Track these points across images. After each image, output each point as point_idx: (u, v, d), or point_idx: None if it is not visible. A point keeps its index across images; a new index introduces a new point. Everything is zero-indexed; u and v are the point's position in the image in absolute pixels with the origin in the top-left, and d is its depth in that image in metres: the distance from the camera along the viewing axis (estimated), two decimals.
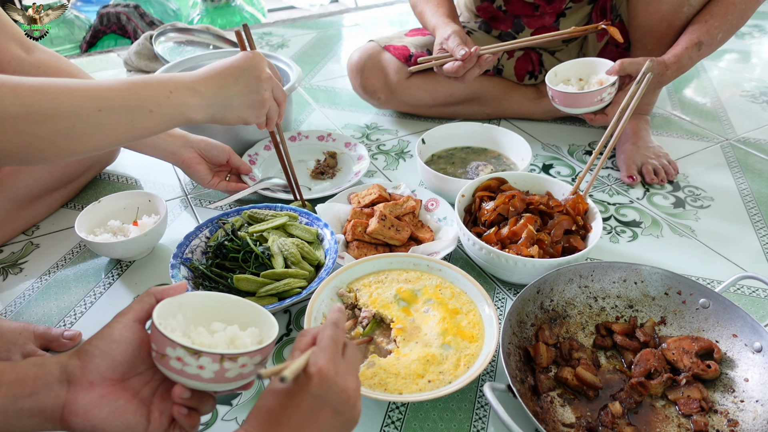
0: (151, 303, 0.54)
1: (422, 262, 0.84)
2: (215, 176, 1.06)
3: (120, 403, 0.50)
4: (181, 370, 0.49)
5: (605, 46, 1.28)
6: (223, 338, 0.54)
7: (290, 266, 0.84)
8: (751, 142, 1.33)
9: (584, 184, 1.09)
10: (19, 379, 0.47)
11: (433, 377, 0.69)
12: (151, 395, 0.53)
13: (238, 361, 0.50)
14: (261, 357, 0.53)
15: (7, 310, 0.86)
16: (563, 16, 1.25)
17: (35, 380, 0.48)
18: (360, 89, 1.37)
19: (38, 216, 1.04)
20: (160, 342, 0.49)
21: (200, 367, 0.49)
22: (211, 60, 1.33)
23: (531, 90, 1.39)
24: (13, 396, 0.46)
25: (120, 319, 0.52)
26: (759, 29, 2.06)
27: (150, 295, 0.54)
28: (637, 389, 0.69)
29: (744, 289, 0.91)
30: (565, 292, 0.82)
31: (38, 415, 0.47)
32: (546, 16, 1.25)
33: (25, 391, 0.47)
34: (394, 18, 2.26)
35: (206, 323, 0.57)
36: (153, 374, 0.54)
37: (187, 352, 0.49)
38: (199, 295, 0.58)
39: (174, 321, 0.53)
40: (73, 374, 0.49)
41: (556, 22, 1.26)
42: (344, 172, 1.18)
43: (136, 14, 2.14)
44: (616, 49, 1.28)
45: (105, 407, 0.49)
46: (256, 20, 2.39)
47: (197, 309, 0.57)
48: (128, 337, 0.51)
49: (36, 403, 0.47)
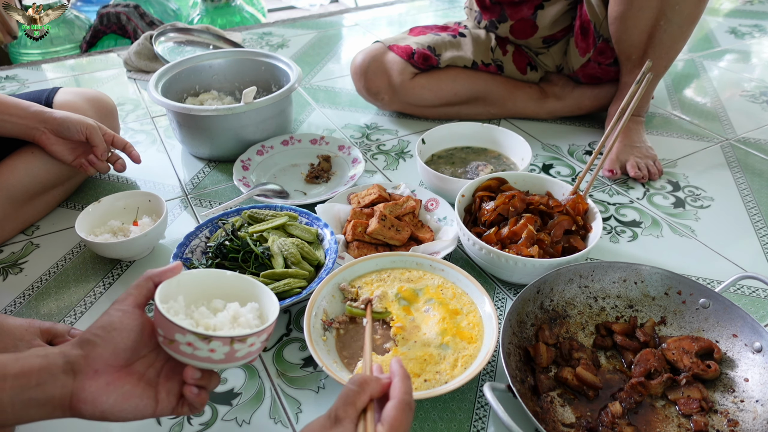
0: (149, 287, 0.54)
1: (425, 262, 0.84)
2: (80, 156, 1.01)
3: (126, 387, 0.51)
4: (192, 354, 0.51)
5: (588, 62, 1.28)
6: (226, 317, 0.55)
7: (290, 266, 0.84)
8: (751, 142, 1.33)
9: (584, 184, 1.09)
10: (23, 370, 0.48)
11: (430, 377, 0.69)
12: (156, 376, 0.54)
13: (247, 342, 0.52)
14: (267, 335, 0.55)
15: (7, 310, 0.86)
16: (541, 9, 1.25)
17: (40, 371, 0.48)
18: (364, 91, 1.37)
19: (37, 214, 1.04)
20: (168, 328, 0.50)
21: (211, 351, 0.51)
22: (211, 60, 1.34)
23: (535, 90, 1.39)
24: (19, 387, 0.47)
25: (119, 306, 0.53)
26: (759, 29, 2.06)
27: (147, 280, 0.55)
28: (637, 389, 0.69)
29: (744, 289, 0.91)
30: (565, 292, 0.82)
31: (47, 404, 0.48)
32: (524, 8, 1.26)
33: (31, 382, 0.47)
34: (393, 18, 2.26)
35: (206, 301, 0.58)
36: (156, 356, 0.55)
37: (197, 338, 0.50)
38: (195, 273, 0.59)
39: (176, 304, 0.54)
40: (77, 364, 0.49)
41: (533, 15, 1.26)
42: (339, 175, 1.17)
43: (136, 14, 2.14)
44: (599, 66, 1.28)
45: (112, 393, 0.50)
46: (256, 20, 2.39)
47: (196, 287, 0.58)
48: (129, 324, 0.52)
49: (43, 393, 0.48)
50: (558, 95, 1.38)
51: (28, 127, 0.96)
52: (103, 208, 0.97)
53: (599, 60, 1.26)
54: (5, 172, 0.96)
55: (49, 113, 0.96)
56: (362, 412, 0.50)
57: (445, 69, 1.33)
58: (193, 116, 1.14)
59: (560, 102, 1.38)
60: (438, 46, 1.31)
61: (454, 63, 1.32)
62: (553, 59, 1.35)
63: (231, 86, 1.39)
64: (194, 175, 1.20)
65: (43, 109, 0.97)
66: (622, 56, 1.22)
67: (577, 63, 1.30)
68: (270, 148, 1.21)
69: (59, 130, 0.97)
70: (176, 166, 1.23)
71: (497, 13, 1.30)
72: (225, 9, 2.33)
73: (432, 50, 1.30)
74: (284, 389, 0.74)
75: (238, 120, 1.15)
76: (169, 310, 0.52)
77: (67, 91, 1.11)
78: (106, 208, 0.97)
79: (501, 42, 1.35)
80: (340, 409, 0.49)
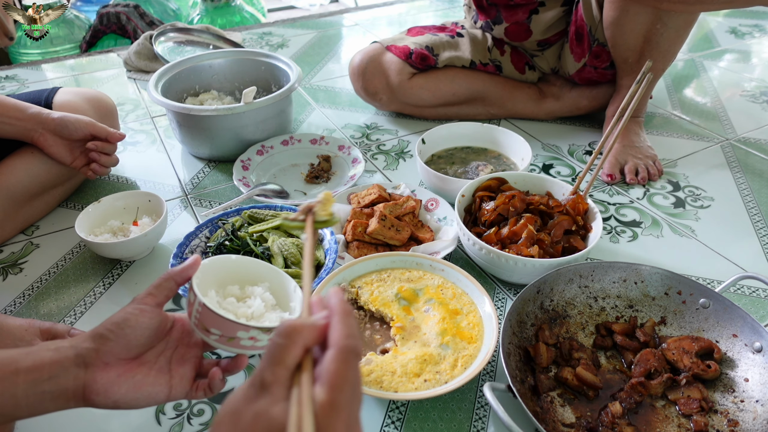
0: (170, 287, 0.55)
1: (425, 262, 0.84)
2: (80, 157, 1.00)
3: (138, 377, 0.52)
4: (253, 346, 0.54)
5: (583, 67, 1.28)
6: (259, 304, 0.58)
7: (290, 266, 0.84)
8: (751, 142, 1.33)
9: (584, 184, 1.09)
10: (35, 364, 0.48)
11: (430, 377, 0.69)
12: (168, 363, 0.55)
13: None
14: None
15: (7, 310, 0.86)
16: (536, 13, 1.25)
17: (52, 365, 0.49)
18: (362, 91, 1.37)
19: (37, 214, 1.04)
20: (229, 327, 0.53)
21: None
22: (211, 60, 1.34)
23: (534, 90, 1.39)
24: (32, 381, 0.48)
25: (137, 305, 0.54)
26: (759, 29, 2.06)
27: (170, 280, 0.56)
28: (637, 389, 0.69)
29: (744, 289, 0.91)
30: (565, 292, 0.82)
31: (60, 396, 0.49)
32: (520, 11, 1.26)
33: (43, 376, 0.48)
34: (393, 18, 2.26)
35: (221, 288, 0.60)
36: (165, 345, 0.56)
37: (260, 332, 0.53)
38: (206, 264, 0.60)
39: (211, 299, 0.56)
40: (88, 357, 0.50)
41: (528, 19, 1.26)
42: (339, 175, 1.17)
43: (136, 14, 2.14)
44: (595, 71, 1.28)
45: (123, 384, 0.51)
46: (256, 20, 2.39)
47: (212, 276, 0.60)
48: (145, 323, 0.53)
49: (56, 386, 0.48)
50: (556, 95, 1.38)
51: (26, 128, 0.95)
52: (103, 208, 0.97)
53: (595, 64, 1.26)
54: (5, 172, 0.96)
55: (46, 114, 0.96)
56: (297, 369, 0.38)
57: (443, 69, 1.33)
58: (193, 116, 1.14)
59: (558, 102, 1.38)
60: (436, 46, 1.31)
61: (452, 63, 1.32)
62: (547, 62, 1.35)
63: (231, 86, 1.39)
64: (194, 175, 1.20)
65: (41, 111, 0.96)
66: (618, 59, 1.21)
67: (572, 68, 1.30)
68: (270, 148, 1.21)
69: (58, 130, 0.96)
70: (176, 166, 1.23)
71: (493, 15, 1.30)
72: (225, 9, 2.33)
73: (430, 50, 1.30)
74: None
75: (238, 120, 1.15)
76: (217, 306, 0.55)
77: (67, 91, 1.11)
78: (106, 208, 0.97)
79: (498, 42, 1.35)
80: (266, 371, 0.37)
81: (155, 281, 0.56)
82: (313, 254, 0.46)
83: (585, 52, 1.24)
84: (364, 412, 0.71)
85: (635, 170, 1.17)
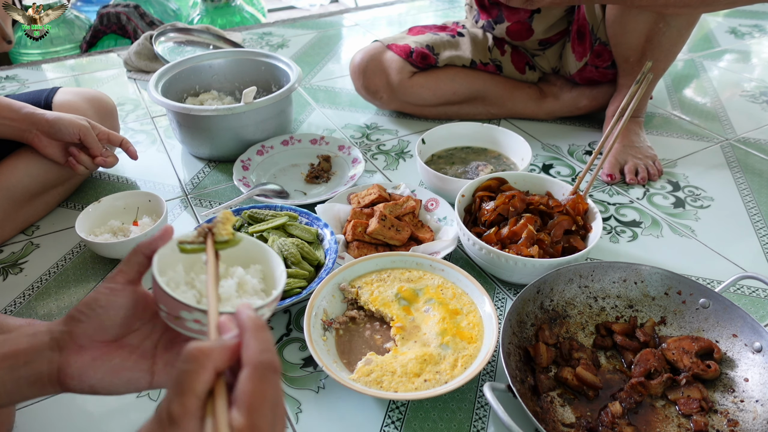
0: (140, 261, 0.50)
1: (425, 262, 0.84)
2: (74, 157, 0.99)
3: (116, 361, 0.49)
4: (200, 330, 0.48)
5: (585, 66, 1.28)
6: (231, 285, 0.51)
7: (290, 266, 0.84)
8: (751, 142, 1.33)
9: (584, 184, 1.09)
10: (12, 350, 0.48)
11: (430, 377, 0.69)
12: (153, 348, 0.51)
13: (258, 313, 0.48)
14: (276, 304, 0.51)
15: (7, 310, 0.86)
16: (538, 13, 1.25)
17: (28, 350, 0.48)
18: (363, 90, 1.37)
19: (37, 214, 1.04)
20: (172, 305, 0.47)
21: None
22: (211, 60, 1.34)
23: (534, 90, 1.39)
24: (8, 367, 0.47)
25: (107, 283, 0.50)
26: (759, 29, 2.06)
27: (138, 254, 0.50)
28: (637, 389, 0.69)
29: (744, 289, 0.91)
30: (565, 292, 0.82)
31: (36, 382, 0.48)
32: (521, 11, 1.26)
33: (19, 361, 0.47)
34: (393, 18, 2.26)
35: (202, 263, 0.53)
36: (152, 328, 0.52)
37: (204, 315, 0.46)
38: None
39: (176, 274, 0.50)
40: (62, 340, 0.48)
41: (530, 18, 1.26)
42: (339, 175, 1.17)
43: (136, 14, 2.14)
44: (596, 70, 1.28)
45: (99, 368, 0.48)
46: (256, 20, 2.39)
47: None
48: (117, 302, 0.49)
49: (32, 371, 0.47)
50: (556, 95, 1.38)
51: (20, 129, 0.95)
52: (103, 208, 0.97)
53: (596, 63, 1.26)
54: (5, 172, 0.96)
55: (40, 115, 0.95)
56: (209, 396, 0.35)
57: (443, 68, 1.33)
58: (193, 116, 1.14)
59: (558, 102, 1.38)
60: (436, 45, 1.32)
61: (452, 62, 1.32)
62: (548, 61, 1.35)
63: (231, 86, 1.39)
64: (194, 175, 1.20)
65: (35, 111, 0.95)
66: (619, 59, 1.21)
67: (574, 67, 1.30)
68: (270, 148, 1.21)
69: (51, 131, 0.95)
70: (176, 166, 1.23)
71: (495, 14, 1.30)
72: (225, 9, 2.33)
73: (430, 49, 1.30)
74: (284, 389, 0.74)
75: (238, 120, 1.15)
76: (169, 282, 0.48)
77: (67, 91, 1.11)
78: (106, 208, 0.97)
79: (498, 42, 1.35)
80: (173, 403, 0.33)
81: (126, 256, 0.51)
82: (216, 276, 0.45)
83: (586, 51, 1.24)
84: (364, 412, 0.71)
85: (635, 170, 1.17)
